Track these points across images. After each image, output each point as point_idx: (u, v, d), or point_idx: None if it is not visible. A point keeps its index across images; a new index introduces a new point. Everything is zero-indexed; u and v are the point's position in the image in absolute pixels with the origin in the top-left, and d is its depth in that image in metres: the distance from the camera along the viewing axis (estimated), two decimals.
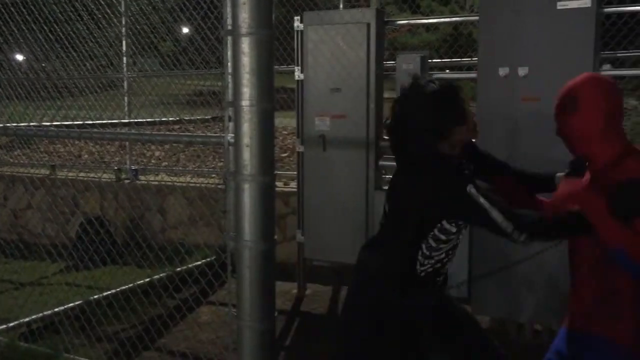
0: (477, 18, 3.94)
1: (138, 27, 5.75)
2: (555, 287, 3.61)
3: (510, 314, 3.86)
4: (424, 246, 2.22)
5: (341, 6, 5.00)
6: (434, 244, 2.22)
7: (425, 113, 2.21)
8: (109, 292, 4.33)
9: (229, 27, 2.47)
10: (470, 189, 2.10)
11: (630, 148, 2.08)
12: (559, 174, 2.41)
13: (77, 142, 7.59)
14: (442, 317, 2.38)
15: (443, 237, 2.21)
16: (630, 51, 4.85)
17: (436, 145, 2.22)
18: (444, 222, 2.20)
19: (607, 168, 2.05)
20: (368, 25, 4.29)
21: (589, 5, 3.42)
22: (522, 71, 3.64)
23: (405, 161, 2.35)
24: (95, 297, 4.28)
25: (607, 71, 4.17)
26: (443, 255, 2.26)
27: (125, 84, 6.19)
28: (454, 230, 2.22)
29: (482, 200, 2.08)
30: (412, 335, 2.29)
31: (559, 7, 3.49)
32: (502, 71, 3.72)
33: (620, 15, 4.60)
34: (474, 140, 2.40)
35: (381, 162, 4.43)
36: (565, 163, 2.69)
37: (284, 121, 7.70)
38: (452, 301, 2.49)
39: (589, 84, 2.08)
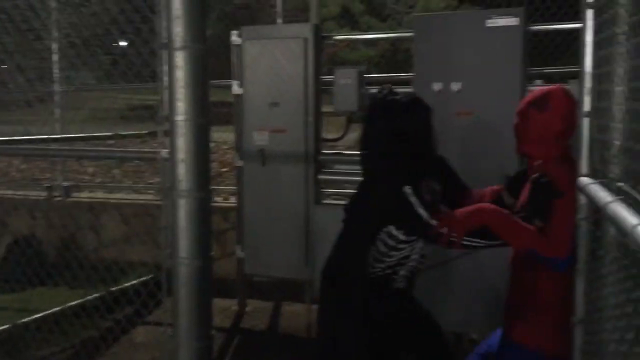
0: (412, 34, 4.03)
1: (70, 39, 5.59)
2: (494, 297, 3.69)
3: (447, 324, 3.91)
4: (373, 248, 2.33)
5: (279, 21, 5.01)
6: (383, 249, 2.32)
7: (398, 122, 2.37)
8: (38, 315, 4.14)
9: (164, 41, 2.43)
10: (406, 189, 2.24)
11: (566, 156, 2.22)
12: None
13: (4, 158, 7.27)
14: (405, 320, 2.47)
15: (391, 242, 2.31)
16: (557, 67, 5.07)
17: (402, 155, 2.36)
18: (392, 228, 2.30)
19: (538, 167, 2.24)
20: (306, 40, 4.32)
21: (516, 23, 3.56)
22: (455, 86, 3.74)
23: (369, 169, 2.52)
24: (24, 320, 4.08)
25: (541, 86, 4.34)
26: (394, 262, 2.34)
27: (56, 98, 5.99)
28: (402, 237, 2.30)
29: (412, 199, 2.22)
30: (375, 330, 2.37)
31: (488, 25, 3.61)
32: (437, 86, 3.80)
33: (547, 32, 4.81)
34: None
35: (320, 176, 4.44)
36: (497, 175, 2.79)
37: (224, 136, 7.62)
38: (418, 309, 2.58)
39: (563, 92, 2.32)
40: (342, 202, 5.40)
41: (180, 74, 2.28)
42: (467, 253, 3.14)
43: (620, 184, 1.13)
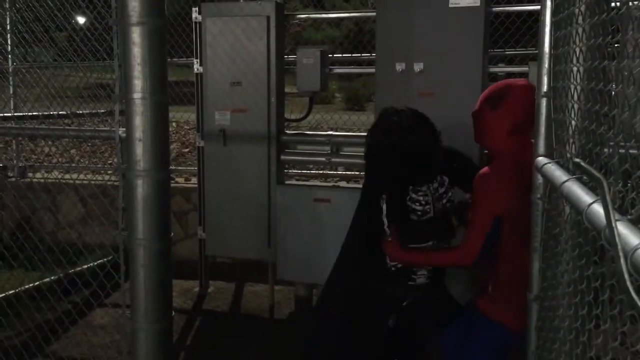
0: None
1: (23, 14, 5.39)
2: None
3: None
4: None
5: None
6: None
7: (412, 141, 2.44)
8: None
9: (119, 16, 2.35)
10: (384, 195, 2.41)
11: (518, 155, 2.24)
12: None
13: None
14: (416, 315, 2.57)
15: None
16: (517, 49, 5.12)
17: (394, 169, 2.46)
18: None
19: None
20: (268, 18, 4.25)
21: (478, 4, 3.57)
22: (417, 67, 3.74)
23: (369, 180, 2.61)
24: None
25: (502, 68, 4.39)
26: None
27: (9, 75, 5.79)
28: None
29: (383, 205, 2.40)
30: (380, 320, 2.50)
31: (450, 6, 3.61)
32: (399, 66, 3.80)
33: (508, 14, 4.84)
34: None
35: (283, 157, 4.41)
36: None
37: (185, 115, 7.51)
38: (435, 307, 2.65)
39: (520, 89, 2.30)
40: (305, 183, 5.40)
41: (137, 51, 2.21)
42: None
43: (576, 159, 1.14)
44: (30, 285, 4.14)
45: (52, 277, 3.98)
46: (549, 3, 1.66)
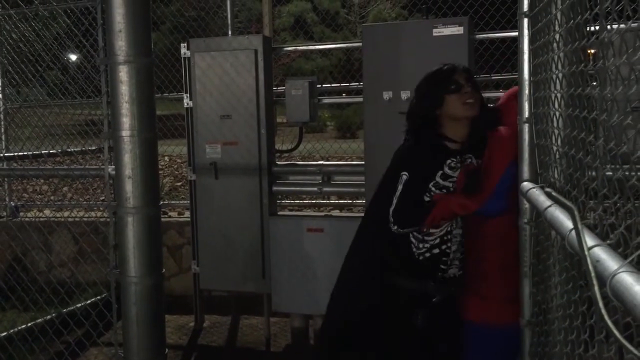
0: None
1: (11, 55, 5.44)
2: None
3: None
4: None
5: (230, 33, 4.98)
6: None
7: (422, 84, 2.47)
8: None
9: (106, 55, 2.38)
10: (403, 174, 2.25)
11: None
12: None
13: None
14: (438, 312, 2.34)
15: None
16: (503, 74, 5.18)
17: (434, 120, 2.38)
18: None
19: None
20: (255, 51, 4.30)
21: (461, 32, 3.63)
22: (404, 95, 3.78)
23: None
24: None
25: (489, 93, 4.44)
26: (438, 241, 2.27)
27: (1, 115, 5.81)
28: None
29: (399, 186, 2.24)
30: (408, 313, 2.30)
31: (434, 34, 3.67)
32: (387, 95, 3.84)
33: (492, 40, 4.92)
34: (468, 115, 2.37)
35: (275, 188, 4.42)
36: None
37: (177, 149, 7.53)
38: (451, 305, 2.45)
39: None
40: (298, 213, 5.39)
41: (125, 89, 2.24)
42: None
43: (547, 189, 1.15)
44: (23, 326, 4.09)
45: (45, 318, 3.93)
46: (526, 32, 1.70)
